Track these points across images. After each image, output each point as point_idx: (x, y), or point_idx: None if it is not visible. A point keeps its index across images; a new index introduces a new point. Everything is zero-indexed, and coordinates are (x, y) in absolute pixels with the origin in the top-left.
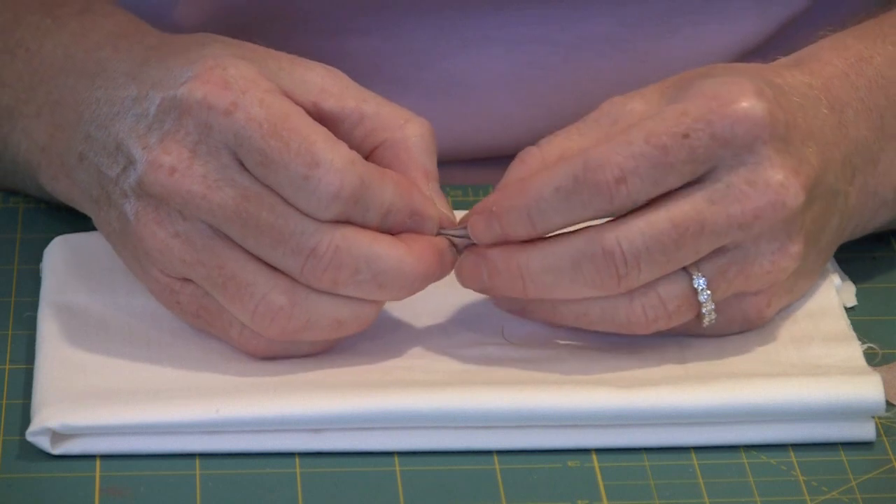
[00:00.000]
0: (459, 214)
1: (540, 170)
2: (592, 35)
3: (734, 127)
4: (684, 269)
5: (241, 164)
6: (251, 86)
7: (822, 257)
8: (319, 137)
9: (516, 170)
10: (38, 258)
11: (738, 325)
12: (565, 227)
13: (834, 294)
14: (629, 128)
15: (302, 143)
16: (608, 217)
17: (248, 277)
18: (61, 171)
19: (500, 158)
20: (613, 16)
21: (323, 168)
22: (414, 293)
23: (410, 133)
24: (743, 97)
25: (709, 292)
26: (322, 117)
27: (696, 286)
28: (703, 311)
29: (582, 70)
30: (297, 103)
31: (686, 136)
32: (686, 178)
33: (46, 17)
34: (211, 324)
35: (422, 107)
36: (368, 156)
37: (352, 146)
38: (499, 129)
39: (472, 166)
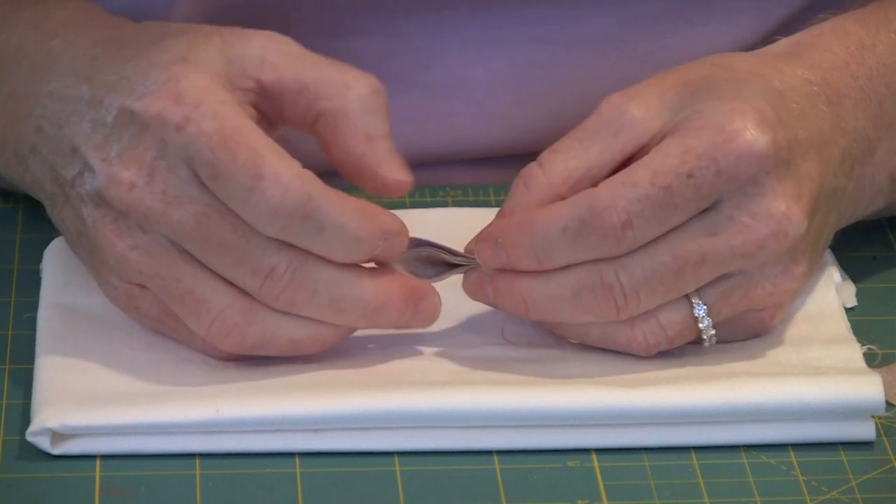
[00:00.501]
0: (460, 213)
1: (545, 202)
2: (592, 35)
3: (739, 164)
4: (686, 296)
5: (200, 180)
6: (205, 98)
7: (820, 253)
8: (268, 151)
9: (521, 196)
10: (38, 258)
11: (742, 336)
12: (570, 263)
13: (834, 295)
14: (634, 167)
15: (249, 155)
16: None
17: (205, 293)
18: (14, 159)
19: (500, 158)
20: (613, 16)
21: (267, 181)
22: (378, 326)
23: (351, 98)
24: (746, 129)
25: (709, 319)
26: (265, 91)
27: (696, 314)
28: (704, 336)
29: (582, 70)
30: (240, 86)
31: (691, 175)
32: (690, 214)
33: (5, 5)
34: (175, 329)
35: (422, 106)
36: (314, 123)
37: (297, 116)
38: (499, 129)
39: (471, 166)
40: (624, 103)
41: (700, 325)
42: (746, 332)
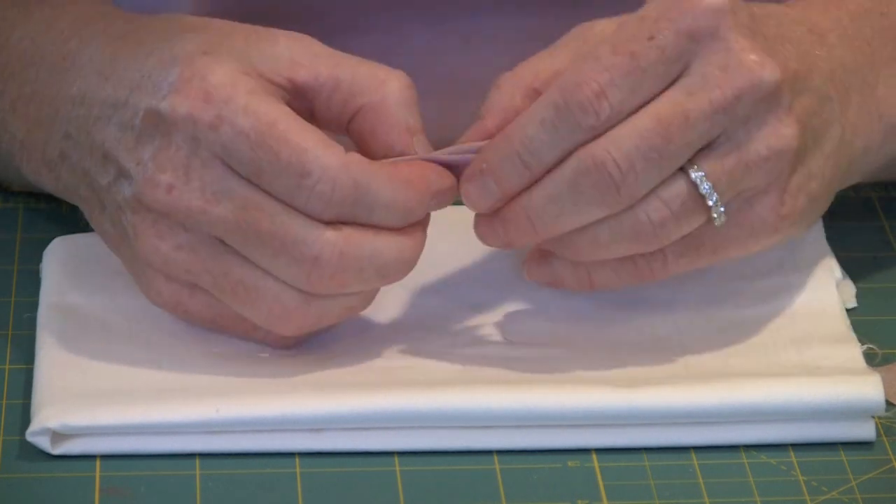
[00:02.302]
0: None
1: (517, 98)
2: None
3: (696, 18)
4: (681, 169)
5: (236, 172)
6: (233, 92)
7: (831, 168)
8: (310, 143)
9: (494, 97)
10: (38, 258)
11: (758, 233)
12: (559, 159)
13: (834, 291)
14: (595, 46)
15: (291, 150)
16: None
17: (256, 281)
18: (43, 166)
19: None
20: (611, 9)
21: (314, 176)
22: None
23: (388, 92)
24: None
25: (709, 183)
26: (298, 91)
27: (694, 179)
28: (710, 204)
29: None
30: (272, 82)
31: (651, 38)
32: (664, 81)
33: (13, 7)
34: (232, 326)
35: (423, 106)
36: (350, 120)
37: (331, 114)
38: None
39: None
40: (593, 24)
41: (702, 191)
42: (761, 226)
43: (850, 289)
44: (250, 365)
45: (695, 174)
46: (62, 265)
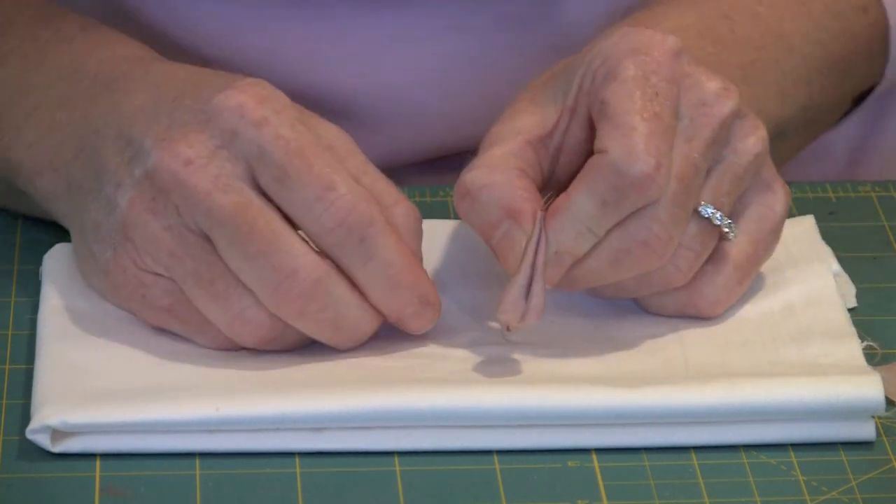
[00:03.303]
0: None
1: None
2: (503, 15)
3: (670, 60)
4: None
5: (254, 181)
6: (285, 109)
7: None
8: (341, 171)
9: (476, 214)
10: (39, 259)
11: (767, 217)
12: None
13: (832, 281)
14: (611, 114)
15: (324, 168)
16: None
17: (228, 287)
18: (48, 165)
19: (446, 158)
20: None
21: (338, 192)
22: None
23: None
24: (655, 35)
25: (718, 211)
26: None
27: (704, 214)
28: (725, 230)
29: (501, 49)
30: None
31: (657, 94)
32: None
33: (44, 31)
34: (185, 320)
35: (354, 115)
36: None
37: None
38: (435, 128)
39: (415, 170)
40: (514, 118)
41: (715, 223)
42: (767, 214)
43: (850, 289)
44: (250, 364)
45: (703, 209)
46: (62, 271)
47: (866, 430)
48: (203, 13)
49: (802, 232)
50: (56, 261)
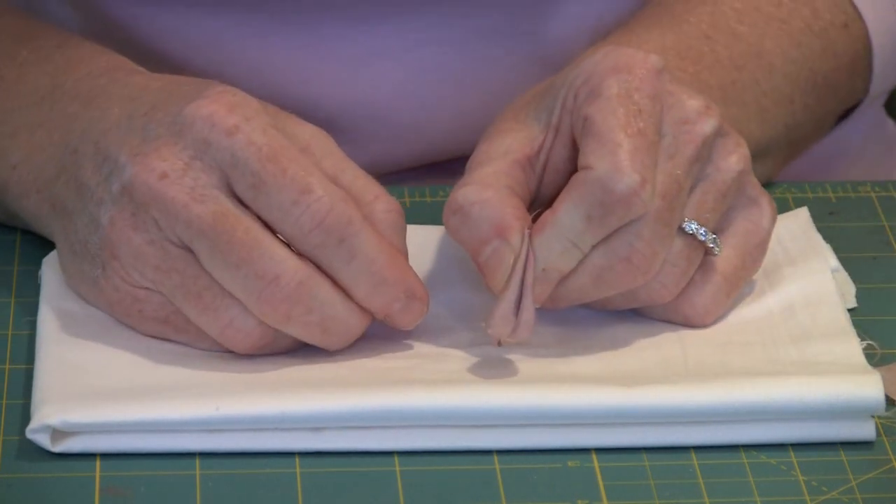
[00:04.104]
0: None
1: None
2: (479, 28)
3: (652, 78)
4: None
5: (230, 189)
6: (256, 115)
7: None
8: (316, 171)
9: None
10: (38, 259)
11: (752, 237)
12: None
13: (830, 279)
14: (603, 130)
15: (298, 171)
16: None
17: (214, 298)
18: (32, 187)
19: (419, 168)
20: (494, 8)
21: (315, 195)
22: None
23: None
24: (636, 53)
25: (702, 228)
26: None
27: (688, 231)
28: (709, 245)
29: (478, 63)
30: None
31: (640, 111)
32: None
33: (22, 49)
34: (182, 330)
35: (335, 128)
36: None
37: None
38: (411, 141)
39: (394, 178)
40: (502, 137)
41: (700, 239)
42: (753, 229)
43: (850, 288)
44: (250, 364)
45: (687, 226)
46: (61, 274)
47: (866, 430)
48: (190, 25)
49: (798, 227)
50: (55, 264)
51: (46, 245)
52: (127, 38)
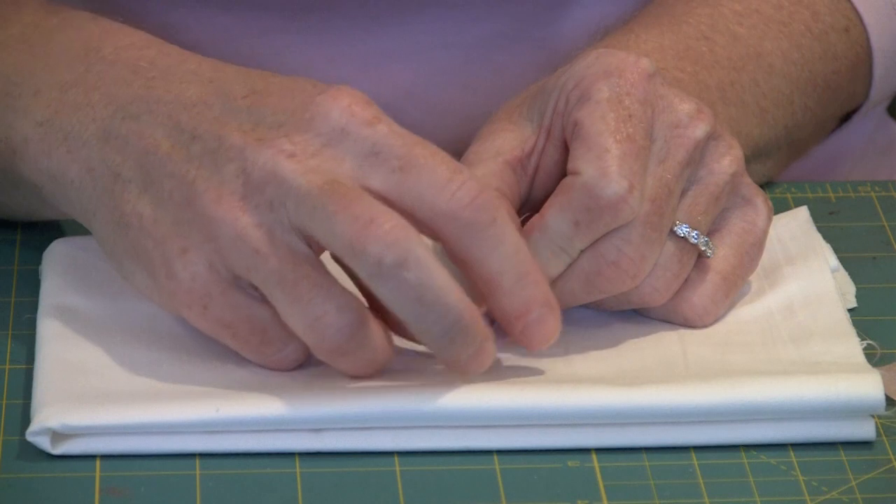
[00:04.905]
0: None
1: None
2: (488, 33)
3: (644, 82)
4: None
5: (361, 180)
6: (386, 116)
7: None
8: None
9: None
10: (38, 258)
11: (748, 237)
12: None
13: (830, 278)
14: (592, 134)
15: (446, 156)
16: None
17: (323, 280)
18: (62, 145)
19: None
20: (504, 13)
21: (465, 176)
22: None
23: None
24: (628, 58)
25: (694, 231)
26: None
27: (680, 234)
28: (702, 248)
29: (486, 67)
30: None
31: (630, 116)
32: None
33: (53, 18)
34: (244, 339)
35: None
36: None
37: None
38: None
39: None
40: (493, 136)
41: (692, 242)
42: (749, 228)
43: (850, 288)
44: (250, 365)
45: (679, 229)
46: (62, 268)
47: (866, 430)
48: (200, 22)
49: (798, 226)
50: (55, 258)
51: (47, 244)
52: None
